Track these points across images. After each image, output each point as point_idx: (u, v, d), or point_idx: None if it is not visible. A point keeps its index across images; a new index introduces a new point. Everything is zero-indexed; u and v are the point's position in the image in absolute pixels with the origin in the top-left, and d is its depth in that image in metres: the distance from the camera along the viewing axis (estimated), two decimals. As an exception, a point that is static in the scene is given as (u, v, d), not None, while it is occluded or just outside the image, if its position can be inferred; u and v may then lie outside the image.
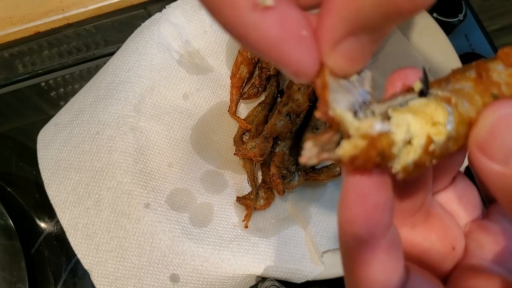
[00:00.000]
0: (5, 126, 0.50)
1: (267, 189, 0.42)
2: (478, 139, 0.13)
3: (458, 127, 0.13)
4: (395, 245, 0.14)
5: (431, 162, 0.13)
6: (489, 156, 0.12)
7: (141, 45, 0.43)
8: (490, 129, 0.12)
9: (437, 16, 0.52)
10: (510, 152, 0.12)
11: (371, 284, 0.13)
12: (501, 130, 0.12)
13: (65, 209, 0.37)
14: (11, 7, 0.53)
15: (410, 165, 0.12)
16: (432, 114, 0.12)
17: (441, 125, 0.12)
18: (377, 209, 0.12)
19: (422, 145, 0.12)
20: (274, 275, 0.37)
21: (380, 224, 0.13)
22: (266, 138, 0.41)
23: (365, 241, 0.13)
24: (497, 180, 0.13)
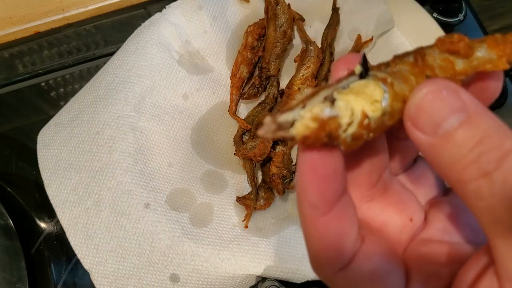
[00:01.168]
0: (5, 126, 0.50)
1: (267, 189, 0.42)
2: (410, 113, 0.14)
3: (393, 104, 0.14)
4: (346, 212, 0.15)
5: (369, 135, 0.14)
6: (419, 128, 0.14)
7: (141, 45, 0.43)
8: (418, 104, 0.14)
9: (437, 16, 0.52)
10: (435, 124, 0.13)
11: (324, 246, 0.15)
12: (427, 104, 0.13)
13: (65, 209, 0.37)
14: (11, 7, 0.53)
15: (348, 138, 0.14)
16: (371, 93, 0.14)
17: (378, 102, 0.14)
18: (326, 178, 0.14)
19: (358, 121, 0.14)
20: (274, 275, 0.37)
21: (329, 191, 0.14)
22: (266, 138, 0.41)
23: (316, 206, 0.14)
24: (429, 150, 0.14)
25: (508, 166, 0.12)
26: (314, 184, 0.14)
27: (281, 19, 0.46)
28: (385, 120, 0.14)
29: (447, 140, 0.13)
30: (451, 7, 0.53)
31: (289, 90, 0.43)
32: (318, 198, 0.14)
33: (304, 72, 0.43)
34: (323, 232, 0.15)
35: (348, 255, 0.15)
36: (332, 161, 0.14)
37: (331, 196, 0.14)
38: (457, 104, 0.13)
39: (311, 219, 0.15)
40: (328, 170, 0.14)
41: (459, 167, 0.13)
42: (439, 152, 0.14)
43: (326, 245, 0.15)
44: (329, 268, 0.15)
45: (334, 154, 0.14)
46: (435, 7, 0.53)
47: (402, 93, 0.14)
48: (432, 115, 0.13)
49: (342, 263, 0.15)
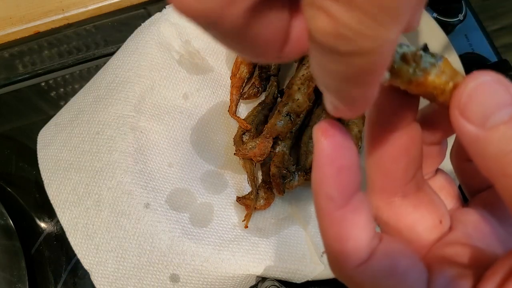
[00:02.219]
0: (5, 126, 0.50)
1: (267, 189, 0.42)
2: (459, 102, 0.14)
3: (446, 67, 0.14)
4: (362, 206, 0.15)
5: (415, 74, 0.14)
6: (467, 118, 0.13)
7: (141, 45, 0.43)
8: (469, 93, 0.13)
9: (437, 16, 0.52)
10: (485, 116, 0.13)
11: (343, 241, 0.15)
12: (478, 95, 0.13)
13: (65, 209, 0.37)
14: (11, 7, 0.53)
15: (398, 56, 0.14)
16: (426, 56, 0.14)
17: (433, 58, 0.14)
18: (344, 170, 0.14)
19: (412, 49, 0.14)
20: (274, 275, 0.37)
21: (347, 183, 0.14)
22: (266, 138, 0.41)
23: (333, 199, 0.14)
24: (474, 141, 0.14)
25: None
26: (332, 176, 0.14)
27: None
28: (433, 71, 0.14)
29: (495, 132, 0.13)
30: (451, 7, 0.53)
31: (289, 90, 0.43)
32: (336, 190, 0.14)
33: (304, 72, 0.42)
34: (340, 226, 0.15)
35: (366, 250, 0.15)
36: (348, 153, 0.14)
37: (348, 188, 0.14)
38: (508, 98, 0.13)
39: (328, 212, 0.15)
40: (346, 161, 0.14)
41: (505, 161, 0.13)
42: (485, 145, 0.13)
43: (343, 239, 0.15)
44: (348, 263, 0.15)
45: (350, 147, 0.14)
46: (435, 7, 0.53)
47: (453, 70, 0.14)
48: (483, 106, 0.13)
49: (361, 258, 0.15)
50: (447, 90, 0.14)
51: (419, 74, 0.14)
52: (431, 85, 0.14)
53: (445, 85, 0.14)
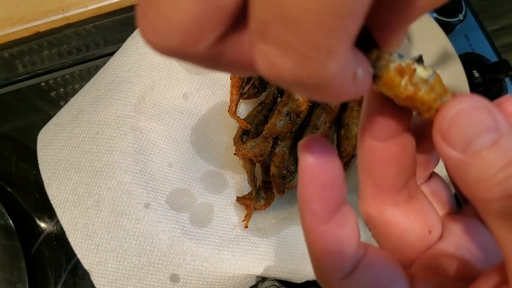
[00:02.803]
0: (5, 126, 0.50)
1: (267, 189, 0.42)
2: (442, 126, 0.14)
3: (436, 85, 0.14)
4: (347, 220, 0.15)
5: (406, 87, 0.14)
6: (449, 144, 0.14)
7: (141, 45, 0.43)
8: (451, 118, 0.14)
9: (437, 16, 0.52)
10: (467, 142, 0.13)
11: (327, 254, 0.15)
12: (460, 121, 0.13)
13: (65, 209, 0.37)
14: (11, 7, 0.53)
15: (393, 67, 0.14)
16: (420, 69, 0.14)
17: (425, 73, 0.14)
18: (326, 187, 0.15)
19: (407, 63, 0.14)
20: (274, 275, 0.37)
21: (329, 200, 0.15)
22: (266, 138, 0.41)
23: (317, 214, 0.15)
24: (457, 166, 0.14)
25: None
26: (314, 193, 0.15)
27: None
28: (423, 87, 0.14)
29: (476, 158, 0.13)
30: (451, 7, 0.53)
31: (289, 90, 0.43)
32: (319, 206, 0.15)
33: (304, 72, 0.42)
34: (325, 240, 0.15)
35: (350, 262, 0.16)
36: (332, 169, 0.15)
37: (331, 204, 0.15)
38: (490, 123, 0.13)
39: (312, 227, 0.15)
40: (329, 178, 0.14)
41: (485, 186, 0.13)
42: (467, 169, 0.13)
43: (328, 253, 0.15)
44: (332, 276, 0.16)
45: (334, 163, 0.15)
46: (435, 7, 0.53)
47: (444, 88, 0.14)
48: (464, 132, 0.13)
49: (345, 271, 0.16)
50: (433, 108, 0.14)
51: (410, 88, 0.14)
52: (419, 101, 0.14)
53: (432, 103, 0.14)
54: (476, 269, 0.17)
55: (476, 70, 0.49)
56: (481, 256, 0.17)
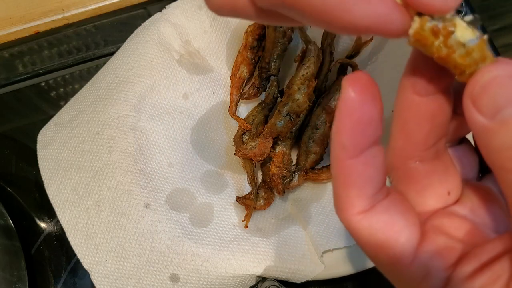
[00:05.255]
0: (5, 126, 0.50)
1: (267, 189, 0.42)
2: (472, 91, 0.14)
3: (474, 50, 0.14)
4: (374, 161, 0.16)
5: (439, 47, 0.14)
6: (478, 109, 0.14)
7: (141, 45, 0.43)
8: (484, 85, 0.14)
9: (437, 16, 0.52)
10: (496, 109, 0.13)
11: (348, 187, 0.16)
12: (492, 88, 0.14)
13: (65, 209, 0.37)
14: (11, 7, 0.53)
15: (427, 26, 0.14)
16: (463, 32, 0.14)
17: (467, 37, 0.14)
18: (360, 124, 0.15)
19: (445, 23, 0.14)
20: (274, 275, 0.37)
21: (361, 137, 0.15)
22: (266, 138, 0.41)
23: (346, 148, 0.15)
24: (482, 132, 0.14)
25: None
26: (348, 127, 0.15)
27: (281, 19, 0.46)
28: (458, 50, 0.14)
29: (502, 126, 0.13)
30: (451, 7, 0.53)
31: (289, 90, 0.43)
32: (350, 140, 0.15)
33: (304, 72, 0.42)
34: (348, 174, 0.16)
35: (367, 200, 0.16)
36: (370, 108, 0.15)
37: (361, 141, 0.15)
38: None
39: (340, 160, 0.16)
40: (365, 116, 0.15)
41: (508, 155, 0.13)
42: (492, 137, 0.14)
43: (349, 186, 0.16)
44: (349, 209, 0.16)
45: (375, 102, 0.15)
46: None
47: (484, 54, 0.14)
48: (495, 99, 0.13)
49: (361, 207, 0.16)
50: (467, 73, 0.14)
51: (443, 50, 0.14)
52: (452, 63, 0.14)
53: (466, 67, 0.14)
54: (483, 236, 0.17)
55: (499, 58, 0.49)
56: (492, 225, 0.18)
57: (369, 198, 0.16)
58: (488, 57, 0.14)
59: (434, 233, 0.17)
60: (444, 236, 0.17)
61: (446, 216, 0.18)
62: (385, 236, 0.16)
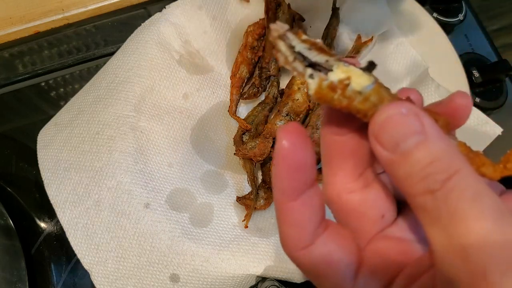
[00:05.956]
0: (5, 126, 0.50)
1: (267, 189, 0.42)
2: (374, 130, 0.16)
3: (371, 96, 0.16)
4: (311, 202, 0.17)
5: (339, 98, 0.16)
6: (381, 145, 0.16)
7: (141, 45, 0.43)
8: (382, 123, 0.16)
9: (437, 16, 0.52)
10: (395, 143, 0.15)
11: (289, 227, 0.18)
12: (389, 125, 0.15)
13: (65, 209, 0.37)
14: (11, 7, 0.53)
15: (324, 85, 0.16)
16: (361, 80, 0.16)
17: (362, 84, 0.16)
18: (296, 169, 0.17)
19: (340, 78, 0.16)
20: (274, 275, 0.37)
21: (298, 181, 0.17)
22: (266, 138, 0.41)
23: (285, 193, 0.17)
24: (388, 164, 0.16)
25: (450, 186, 0.15)
26: (285, 173, 0.17)
27: (281, 19, 0.46)
28: (357, 98, 0.16)
29: (403, 158, 0.15)
30: (451, 7, 0.53)
31: (289, 90, 0.43)
32: (287, 186, 0.17)
33: (304, 72, 0.43)
34: (289, 215, 0.17)
35: (308, 237, 0.18)
36: (302, 154, 0.16)
37: (298, 185, 0.17)
38: (416, 127, 0.15)
39: (280, 203, 0.17)
40: (298, 162, 0.16)
41: (411, 182, 0.15)
42: (396, 167, 0.16)
43: (291, 226, 0.17)
44: (293, 246, 0.18)
45: (305, 149, 0.16)
46: (435, 7, 0.53)
47: (382, 97, 0.16)
48: (392, 135, 0.15)
49: (303, 244, 0.18)
50: (369, 115, 0.16)
51: (343, 101, 0.16)
52: (354, 110, 0.16)
53: (367, 111, 0.16)
54: (415, 254, 0.19)
55: (476, 70, 0.49)
56: (423, 242, 0.19)
57: (309, 234, 0.18)
58: (385, 97, 0.16)
59: (371, 258, 0.19)
60: (379, 259, 0.19)
61: (382, 239, 0.19)
62: (326, 267, 0.18)
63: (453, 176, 0.15)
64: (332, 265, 0.18)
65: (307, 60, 0.16)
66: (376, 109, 0.16)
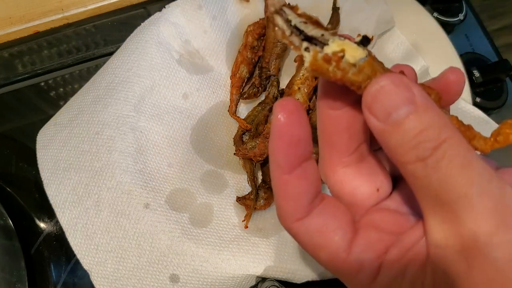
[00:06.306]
0: (5, 126, 0.50)
1: (267, 189, 0.42)
2: (367, 101, 0.16)
3: (364, 67, 0.16)
4: (307, 175, 0.18)
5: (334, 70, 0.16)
6: (374, 115, 0.16)
7: (141, 44, 0.43)
8: (374, 94, 0.16)
9: (437, 16, 0.52)
10: (387, 113, 0.16)
11: (285, 199, 0.18)
12: (381, 96, 0.16)
13: (65, 209, 0.37)
14: (10, 7, 0.53)
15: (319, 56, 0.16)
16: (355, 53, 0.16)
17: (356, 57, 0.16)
18: (291, 144, 0.17)
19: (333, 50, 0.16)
20: (274, 275, 0.37)
21: (292, 155, 0.17)
22: (266, 138, 0.41)
23: (281, 166, 0.17)
24: (380, 134, 0.16)
25: (440, 154, 0.15)
26: (280, 148, 0.17)
27: (281, 18, 0.45)
28: (351, 70, 0.16)
29: (395, 127, 0.16)
30: (452, 6, 0.53)
31: (289, 90, 0.43)
32: (283, 159, 0.17)
33: (304, 72, 0.42)
34: (285, 188, 0.18)
35: (303, 209, 0.18)
36: (297, 130, 0.17)
37: (293, 159, 0.17)
38: (407, 97, 0.15)
39: (276, 176, 0.18)
40: (293, 138, 0.17)
41: (402, 151, 0.16)
42: (388, 137, 0.16)
43: (287, 198, 0.18)
44: (289, 218, 0.18)
45: (300, 125, 0.17)
46: (435, 7, 0.53)
47: (374, 69, 0.16)
48: (384, 105, 0.16)
49: (298, 215, 0.18)
50: (362, 87, 0.16)
51: (338, 72, 0.16)
52: (348, 82, 0.16)
53: (361, 83, 0.16)
54: (408, 225, 0.19)
55: (477, 70, 0.49)
56: (417, 213, 0.20)
57: (305, 206, 0.18)
58: (378, 70, 0.16)
59: (366, 229, 0.19)
60: (374, 230, 0.19)
61: (377, 211, 0.20)
62: (321, 238, 0.18)
63: (443, 143, 0.15)
64: (327, 236, 0.18)
65: (303, 34, 0.16)
66: (369, 81, 0.16)
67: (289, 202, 0.18)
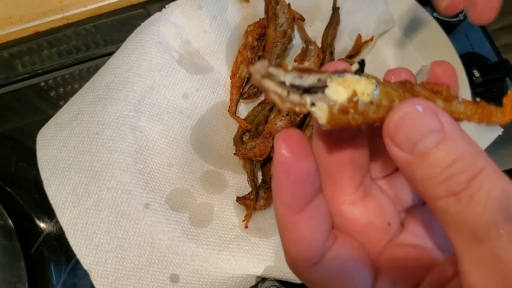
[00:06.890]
0: (5, 126, 0.50)
1: (267, 189, 0.42)
2: (389, 130, 0.15)
3: (381, 99, 0.15)
4: (318, 212, 0.16)
5: (354, 117, 0.14)
6: (397, 146, 0.14)
7: (141, 44, 0.43)
8: (397, 123, 0.14)
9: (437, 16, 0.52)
10: (412, 143, 0.14)
11: (296, 243, 0.16)
12: (405, 124, 0.14)
13: (65, 209, 0.37)
14: (10, 7, 0.53)
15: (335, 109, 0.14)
16: (363, 88, 0.15)
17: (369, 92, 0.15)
18: (298, 181, 0.15)
19: (348, 96, 0.14)
20: (274, 275, 0.37)
21: (301, 193, 0.15)
22: (266, 138, 0.41)
23: (289, 206, 0.15)
24: (405, 166, 0.15)
25: (475, 187, 0.13)
26: (287, 186, 0.15)
27: (281, 18, 0.45)
28: (371, 109, 0.15)
29: (422, 158, 0.14)
30: (452, 6, 0.53)
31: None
32: (291, 198, 0.15)
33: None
34: (295, 230, 0.16)
35: (318, 252, 0.16)
36: (305, 164, 0.15)
37: (303, 197, 0.15)
38: (434, 125, 0.14)
39: (284, 217, 0.16)
40: (301, 173, 0.15)
41: (431, 184, 0.14)
42: (414, 169, 0.14)
43: (298, 242, 0.16)
44: (301, 264, 0.16)
45: (307, 158, 0.15)
46: (435, 7, 0.53)
47: (392, 95, 0.15)
48: (409, 135, 0.14)
49: (313, 260, 0.16)
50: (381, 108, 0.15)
51: (358, 118, 0.15)
52: (371, 120, 0.15)
53: (384, 115, 0.15)
54: (435, 258, 0.18)
55: (477, 70, 0.49)
56: (441, 244, 0.18)
57: (318, 249, 0.16)
58: (394, 95, 0.15)
59: (389, 266, 0.18)
60: (398, 267, 0.17)
61: (397, 247, 0.18)
62: (340, 282, 0.17)
63: (478, 175, 0.13)
64: (347, 279, 0.17)
65: (301, 88, 0.15)
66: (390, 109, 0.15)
67: (301, 246, 0.16)
